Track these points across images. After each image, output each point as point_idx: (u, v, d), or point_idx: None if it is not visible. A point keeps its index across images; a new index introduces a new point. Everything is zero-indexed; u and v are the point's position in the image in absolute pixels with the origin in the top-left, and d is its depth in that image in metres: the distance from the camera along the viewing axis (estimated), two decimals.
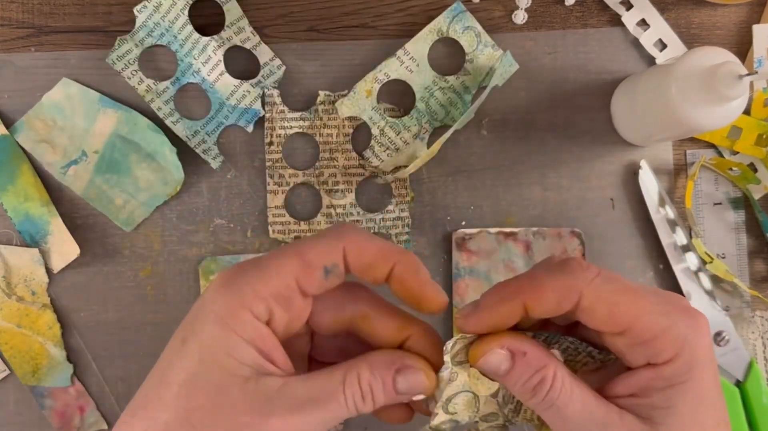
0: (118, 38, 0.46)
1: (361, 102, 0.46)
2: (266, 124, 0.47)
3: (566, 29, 0.48)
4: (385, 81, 0.46)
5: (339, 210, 0.47)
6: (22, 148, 0.47)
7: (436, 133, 0.47)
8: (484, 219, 0.48)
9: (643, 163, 0.47)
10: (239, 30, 0.47)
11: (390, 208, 0.47)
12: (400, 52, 0.46)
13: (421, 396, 0.29)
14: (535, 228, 0.47)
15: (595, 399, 0.28)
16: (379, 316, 0.30)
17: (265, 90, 0.47)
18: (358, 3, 0.48)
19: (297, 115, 0.47)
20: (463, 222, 0.47)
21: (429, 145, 0.47)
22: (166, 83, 0.46)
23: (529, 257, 0.47)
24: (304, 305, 0.29)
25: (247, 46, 0.47)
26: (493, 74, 0.46)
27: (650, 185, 0.47)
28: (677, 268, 0.46)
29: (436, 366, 0.29)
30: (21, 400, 0.47)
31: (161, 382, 0.27)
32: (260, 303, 0.27)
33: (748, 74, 0.36)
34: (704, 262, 0.46)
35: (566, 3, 0.48)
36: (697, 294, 0.46)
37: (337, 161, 0.47)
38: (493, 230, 0.47)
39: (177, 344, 0.28)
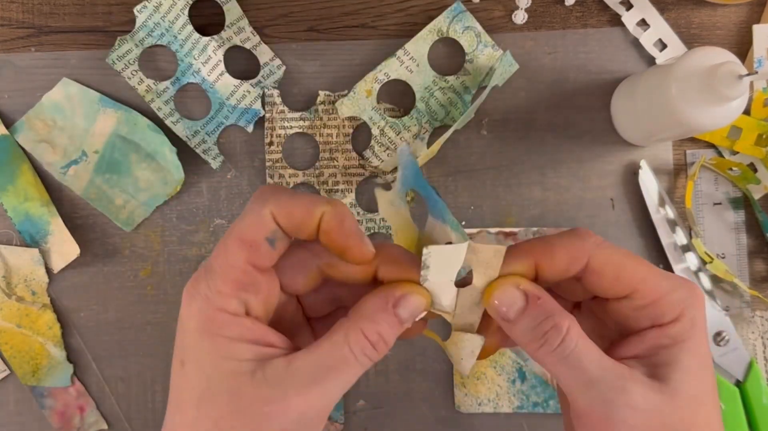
0: (118, 38, 0.46)
1: (361, 102, 0.46)
2: (266, 124, 0.47)
3: (566, 29, 0.48)
4: (385, 81, 0.46)
5: None
6: (22, 148, 0.47)
7: (436, 133, 0.47)
8: (484, 219, 0.48)
9: (643, 163, 0.47)
10: (239, 30, 0.47)
11: None
12: (400, 52, 0.46)
13: (423, 314, 0.29)
14: (535, 228, 0.47)
15: (606, 355, 0.28)
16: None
17: (265, 90, 0.47)
18: (358, 3, 0.48)
19: (297, 115, 0.47)
20: (463, 222, 0.47)
21: (429, 145, 0.47)
22: (166, 83, 0.47)
23: None
24: (270, 279, 0.29)
25: (247, 46, 0.47)
26: (493, 74, 0.46)
27: (650, 185, 0.47)
28: (677, 268, 0.46)
29: (416, 278, 0.29)
30: (21, 400, 0.47)
31: (179, 409, 0.28)
32: (229, 300, 0.27)
33: (748, 74, 0.36)
34: (704, 262, 0.46)
35: (566, 3, 0.48)
36: None
37: (337, 161, 0.47)
38: (493, 230, 0.47)
39: (178, 367, 0.28)
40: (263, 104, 0.47)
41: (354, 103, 0.46)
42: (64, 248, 0.46)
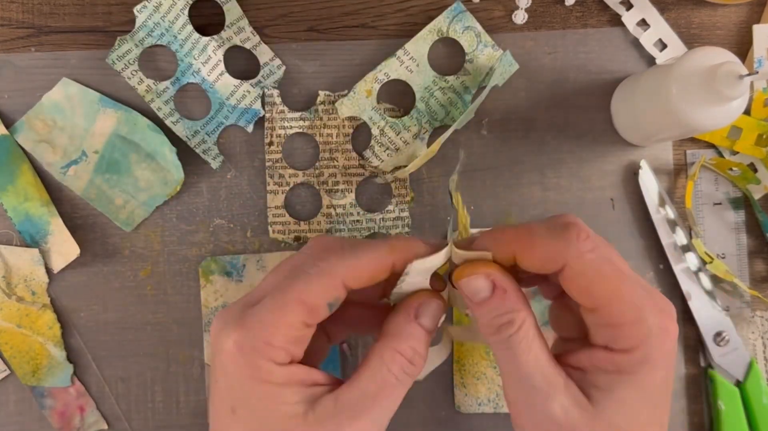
0: (118, 38, 0.46)
1: (361, 102, 0.46)
2: (266, 124, 0.47)
3: (566, 29, 0.48)
4: (385, 81, 0.46)
5: (339, 210, 0.47)
6: (22, 148, 0.47)
7: (436, 133, 0.47)
8: (484, 219, 0.48)
9: (643, 163, 0.47)
10: (239, 30, 0.47)
11: (390, 208, 0.47)
12: (400, 52, 0.46)
13: (443, 316, 0.31)
14: None
15: (550, 360, 0.29)
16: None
17: (265, 90, 0.47)
18: (358, 3, 0.48)
19: (297, 115, 0.47)
20: None
21: (429, 144, 0.47)
22: (166, 83, 0.47)
23: None
24: (313, 330, 0.30)
25: (247, 46, 0.47)
26: (493, 74, 0.46)
27: (650, 185, 0.47)
28: (677, 268, 0.46)
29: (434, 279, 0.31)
30: (21, 400, 0.47)
31: None
32: (279, 352, 0.28)
33: (748, 74, 0.36)
34: (704, 262, 0.46)
35: (566, 3, 0.48)
36: (697, 294, 0.46)
37: (337, 161, 0.47)
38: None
39: (227, 414, 0.29)
40: (263, 104, 0.47)
41: (354, 103, 0.46)
42: (64, 248, 0.46)
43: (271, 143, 0.47)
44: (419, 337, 0.29)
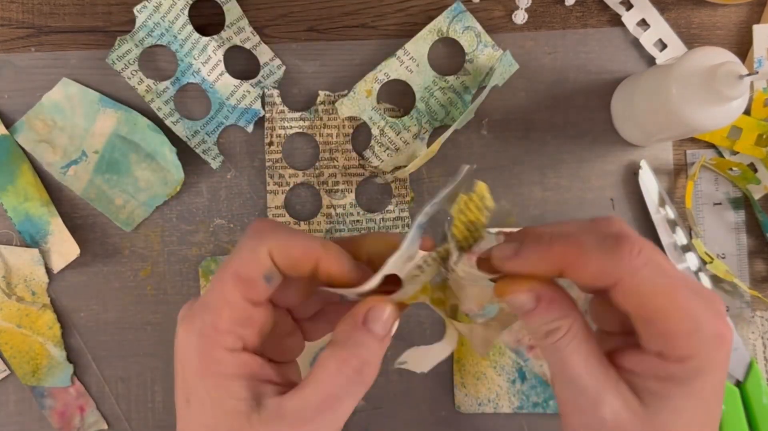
0: (118, 38, 0.46)
1: (361, 102, 0.46)
2: (266, 124, 0.47)
3: (566, 29, 0.48)
4: (385, 81, 0.46)
5: (339, 210, 0.47)
6: (22, 148, 0.47)
7: (435, 133, 0.47)
8: None
9: (643, 163, 0.47)
10: (239, 30, 0.47)
11: (390, 208, 0.47)
12: (400, 52, 0.46)
13: (397, 321, 0.29)
14: None
15: (601, 361, 0.28)
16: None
17: (265, 90, 0.47)
18: (358, 3, 0.48)
19: (297, 115, 0.47)
20: None
21: (429, 144, 0.47)
22: (166, 83, 0.46)
23: None
24: (264, 312, 0.29)
25: (247, 46, 0.47)
26: (492, 74, 0.46)
27: (650, 185, 0.47)
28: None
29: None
30: (21, 400, 0.47)
31: None
32: (226, 336, 0.28)
33: (748, 74, 0.36)
34: (704, 262, 0.46)
35: (566, 3, 0.48)
36: None
37: (337, 161, 0.47)
38: (493, 230, 0.47)
39: (183, 404, 0.29)
40: (263, 104, 0.47)
41: (354, 103, 0.46)
42: (64, 248, 0.46)
43: (271, 143, 0.47)
44: (369, 345, 0.28)
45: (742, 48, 0.48)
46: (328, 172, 0.47)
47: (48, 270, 0.46)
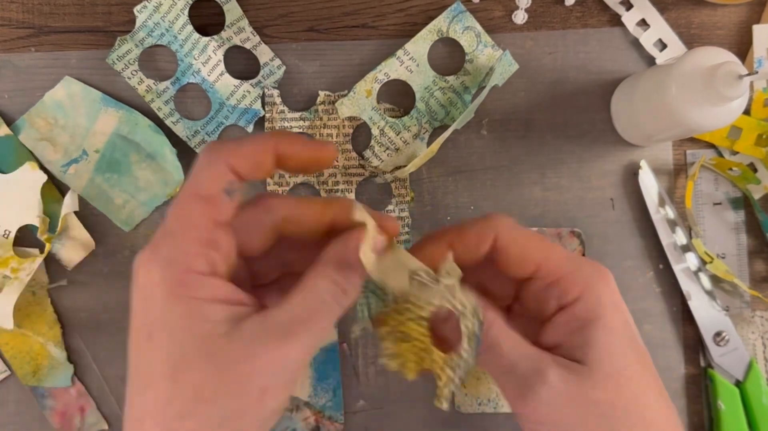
0: (118, 38, 0.46)
1: (361, 102, 0.46)
2: (266, 124, 0.47)
3: (566, 29, 0.48)
4: (385, 81, 0.46)
5: None
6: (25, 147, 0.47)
7: (435, 133, 0.47)
8: None
9: (643, 163, 0.47)
10: (239, 30, 0.47)
11: (390, 207, 0.47)
12: (400, 52, 0.46)
13: (385, 244, 0.30)
14: (535, 228, 0.47)
15: (528, 343, 0.30)
16: (298, 212, 0.30)
17: (265, 90, 0.47)
18: (358, 3, 0.48)
19: (297, 115, 0.47)
20: None
21: (429, 144, 0.47)
22: (166, 83, 0.47)
23: None
24: (229, 235, 0.28)
25: (247, 46, 0.47)
26: (492, 74, 0.46)
27: (650, 185, 0.47)
28: (677, 268, 0.46)
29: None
30: (21, 400, 0.47)
31: (149, 386, 0.26)
32: (197, 259, 0.27)
33: (748, 74, 0.36)
34: (704, 262, 0.46)
35: (566, 3, 0.48)
36: (697, 294, 0.46)
37: (337, 161, 0.47)
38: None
39: (143, 342, 0.27)
40: (263, 104, 0.47)
41: (354, 103, 0.46)
42: (78, 242, 0.46)
43: None
44: (357, 269, 0.29)
45: (742, 48, 0.48)
46: (328, 172, 0.47)
47: (60, 267, 0.46)
